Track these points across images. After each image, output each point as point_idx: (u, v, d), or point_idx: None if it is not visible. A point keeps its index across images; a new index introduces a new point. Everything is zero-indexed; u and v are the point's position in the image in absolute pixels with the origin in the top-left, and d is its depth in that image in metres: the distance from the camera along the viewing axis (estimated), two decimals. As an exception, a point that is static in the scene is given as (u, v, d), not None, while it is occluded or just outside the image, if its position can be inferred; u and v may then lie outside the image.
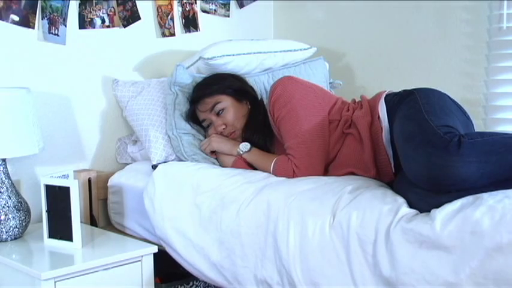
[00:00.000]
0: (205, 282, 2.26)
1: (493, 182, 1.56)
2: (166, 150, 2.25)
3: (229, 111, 2.19)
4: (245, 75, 2.41)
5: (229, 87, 2.22)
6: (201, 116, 2.23)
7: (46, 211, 1.98)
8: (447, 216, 1.48)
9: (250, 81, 2.39)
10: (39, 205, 2.07)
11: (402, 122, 1.81)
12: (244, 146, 2.14)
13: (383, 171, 1.93)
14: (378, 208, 1.61)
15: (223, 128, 2.19)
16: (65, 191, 1.93)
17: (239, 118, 2.20)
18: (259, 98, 2.31)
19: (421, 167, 1.62)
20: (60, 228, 1.95)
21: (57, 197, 1.95)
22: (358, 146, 1.97)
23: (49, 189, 1.97)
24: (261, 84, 2.46)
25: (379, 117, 1.93)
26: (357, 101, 2.13)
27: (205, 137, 2.27)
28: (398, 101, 1.90)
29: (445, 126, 1.65)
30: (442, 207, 1.51)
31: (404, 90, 1.96)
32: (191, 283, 2.25)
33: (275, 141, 2.18)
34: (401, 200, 1.65)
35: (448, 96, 1.89)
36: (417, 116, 1.74)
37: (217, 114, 2.19)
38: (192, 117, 2.25)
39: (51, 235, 1.98)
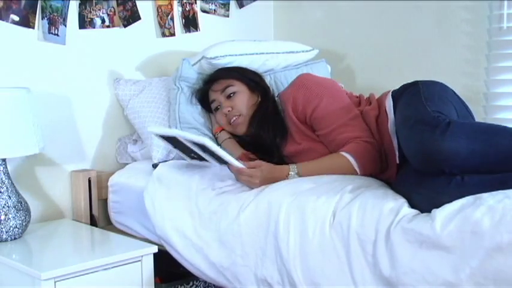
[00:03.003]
0: (205, 282, 2.26)
1: (485, 163, 1.60)
2: (168, 148, 2.25)
3: (240, 96, 2.20)
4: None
5: (247, 76, 2.26)
6: (212, 95, 2.26)
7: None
8: (447, 216, 1.47)
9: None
10: (39, 205, 2.07)
11: (402, 108, 1.90)
12: (293, 169, 1.97)
13: (389, 162, 1.97)
14: (378, 208, 1.61)
15: (229, 111, 2.20)
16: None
17: (248, 106, 2.20)
18: (271, 94, 2.30)
19: (415, 144, 1.69)
20: None
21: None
22: None
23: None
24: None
25: (385, 109, 1.99)
26: (365, 97, 2.19)
27: (212, 125, 2.30)
28: (402, 92, 1.98)
29: (439, 112, 1.72)
30: (442, 207, 1.51)
31: (410, 82, 2.01)
32: (191, 283, 2.25)
33: (289, 138, 2.14)
34: (402, 200, 1.65)
35: (452, 90, 1.94)
36: (416, 102, 1.82)
37: (228, 96, 2.21)
38: (202, 96, 2.29)
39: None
